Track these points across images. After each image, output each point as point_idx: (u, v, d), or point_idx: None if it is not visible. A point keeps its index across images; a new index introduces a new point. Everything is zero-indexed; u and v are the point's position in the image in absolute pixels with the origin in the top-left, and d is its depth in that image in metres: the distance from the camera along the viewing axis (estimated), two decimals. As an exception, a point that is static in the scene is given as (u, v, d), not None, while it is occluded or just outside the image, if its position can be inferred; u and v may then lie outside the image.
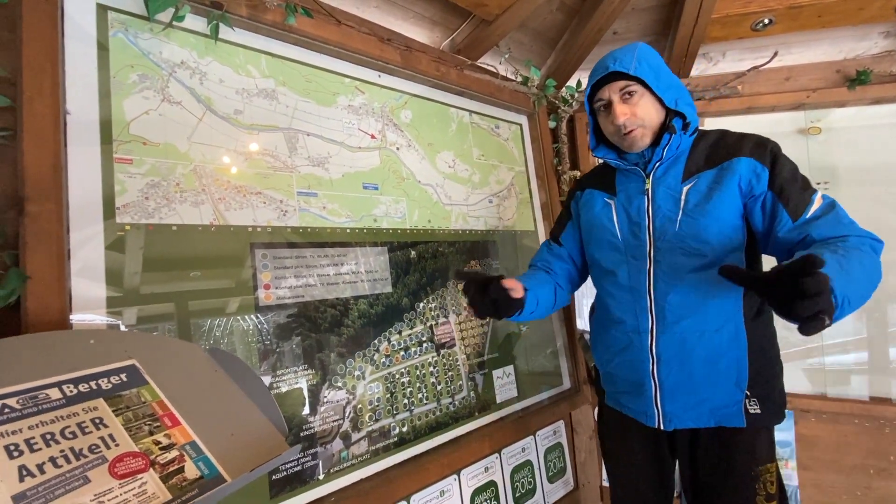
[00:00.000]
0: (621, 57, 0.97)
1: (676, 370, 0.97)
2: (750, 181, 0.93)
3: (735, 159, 0.95)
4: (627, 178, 1.08)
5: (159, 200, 0.94)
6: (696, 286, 0.94)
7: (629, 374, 1.05)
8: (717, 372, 0.94)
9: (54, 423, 0.56)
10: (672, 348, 0.97)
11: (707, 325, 0.94)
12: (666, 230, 0.99)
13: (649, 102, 0.99)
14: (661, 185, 1.01)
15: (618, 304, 1.07)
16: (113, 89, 0.92)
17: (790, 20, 1.71)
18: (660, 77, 0.97)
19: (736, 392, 0.94)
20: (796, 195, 0.89)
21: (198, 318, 0.95)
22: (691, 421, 0.98)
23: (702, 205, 0.95)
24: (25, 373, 0.59)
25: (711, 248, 0.94)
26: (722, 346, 0.94)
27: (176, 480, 0.56)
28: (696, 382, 0.96)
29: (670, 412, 0.99)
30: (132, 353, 0.70)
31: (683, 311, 0.95)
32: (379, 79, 1.41)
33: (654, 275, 0.99)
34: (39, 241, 0.76)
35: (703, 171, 0.98)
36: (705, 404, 0.96)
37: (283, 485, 0.99)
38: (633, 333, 1.03)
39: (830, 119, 1.82)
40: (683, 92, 1.00)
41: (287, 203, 1.13)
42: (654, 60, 0.99)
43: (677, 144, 1.00)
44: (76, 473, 0.52)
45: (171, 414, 0.64)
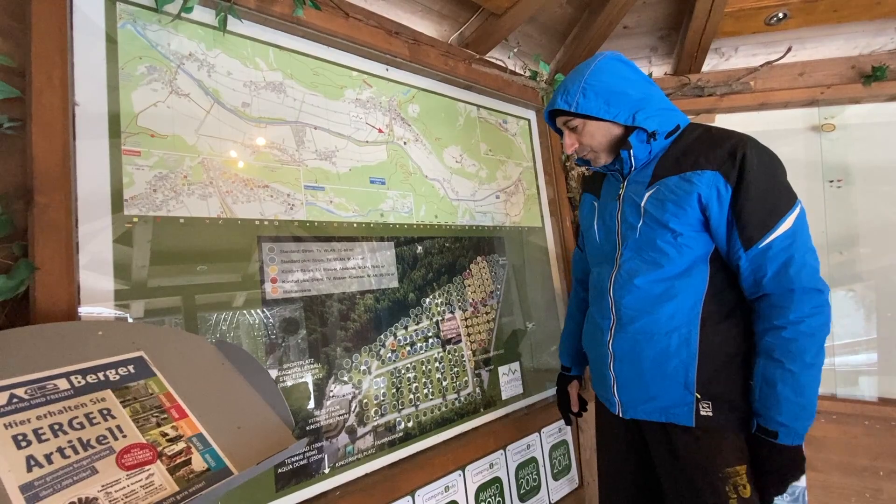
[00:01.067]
0: (569, 89, 1.00)
1: (628, 367, 1.02)
2: (710, 198, 0.90)
3: (699, 172, 0.92)
4: (610, 182, 1.12)
5: (167, 193, 0.94)
6: (649, 292, 0.97)
7: (597, 364, 1.11)
8: (664, 373, 0.97)
9: (62, 414, 0.56)
10: (625, 346, 1.01)
11: (657, 329, 0.97)
12: (628, 237, 1.02)
13: (594, 129, 1.01)
14: (630, 191, 1.03)
15: (593, 302, 1.14)
16: (121, 81, 0.91)
17: (805, 14, 1.68)
18: (610, 100, 0.96)
19: (685, 394, 0.95)
20: (755, 221, 0.87)
21: (205, 310, 0.95)
22: (644, 414, 1.01)
23: (657, 215, 0.96)
24: (34, 363, 0.60)
25: (668, 258, 0.95)
26: (670, 350, 0.96)
27: (183, 472, 0.56)
28: (645, 380, 0.99)
29: (626, 402, 1.04)
30: (140, 345, 0.70)
31: (636, 314, 0.99)
32: (387, 72, 1.40)
33: (615, 278, 1.03)
34: (48, 233, 0.76)
35: (666, 177, 0.97)
36: (655, 401, 0.99)
37: (289, 478, 0.99)
38: (597, 330, 1.09)
39: (845, 116, 1.79)
40: (646, 102, 0.97)
41: (294, 197, 1.12)
42: (605, 82, 0.97)
43: (648, 150, 0.99)
44: (84, 464, 0.52)
45: (179, 406, 0.64)
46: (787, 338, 0.86)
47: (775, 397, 0.86)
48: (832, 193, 1.76)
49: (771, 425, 0.87)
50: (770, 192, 0.88)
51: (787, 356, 0.86)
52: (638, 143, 0.98)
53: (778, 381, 0.86)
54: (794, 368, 0.85)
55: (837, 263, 1.74)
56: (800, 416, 0.86)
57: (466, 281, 1.49)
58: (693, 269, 0.96)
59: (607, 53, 1.03)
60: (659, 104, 0.99)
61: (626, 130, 1.00)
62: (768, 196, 0.88)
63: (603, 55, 1.02)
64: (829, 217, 1.75)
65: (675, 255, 0.95)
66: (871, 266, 1.72)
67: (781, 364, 0.86)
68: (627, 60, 1.03)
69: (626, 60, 1.03)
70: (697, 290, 0.95)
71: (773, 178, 0.90)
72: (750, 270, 0.90)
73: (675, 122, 1.00)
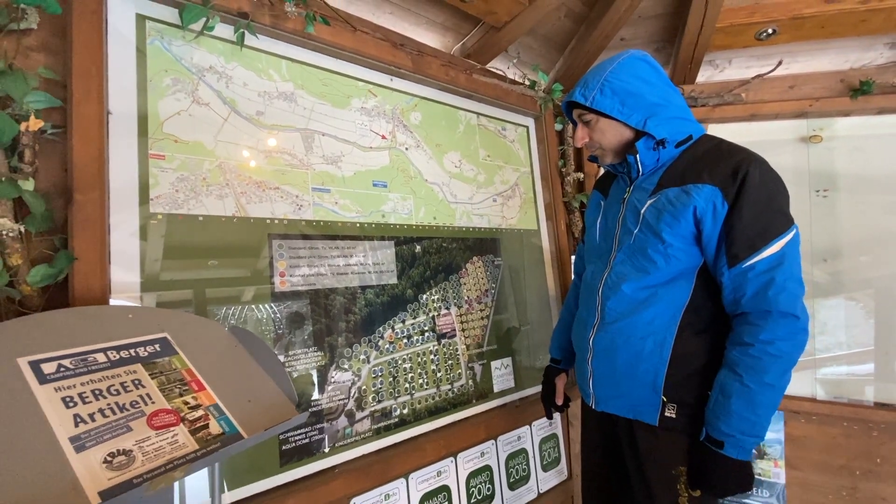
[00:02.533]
0: (588, 82, 1.00)
1: (604, 363, 1.07)
2: (705, 213, 0.91)
3: (700, 185, 0.92)
4: (618, 184, 1.14)
5: (188, 193, 1.04)
6: (633, 297, 1.01)
7: (579, 357, 1.16)
8: (635, 374, 1.01)
9: (101, 382, 0.66)
10: (603, 344, 1.06)
11: (634, 332, 1.01)
12: (624, 241, 1.05)
13: (606, 127, 1.02)
14: (634, 196, 1.05)
15: (582, 295, 1.18)
16: (149, 92, 1.02)
17: (794, 30, 1.75)
18: (626, 101, 0.97)
19: (652, 395, 1.00)
20: (743, 240, 0.88)
21: (220, 300, 1.04)
22: (615, 408, 1.07)
23: (653, 223, 0.98)
24: (76, 339, 0.69)
25: (656, 267, 0.98)
26: (643, 353, 1.00)
27: (202, 434, 0.66)
28: (617, 378, 1.04)
29: (599, 395, 1.10)
30: (164, 327, 0.80)
31: (617, 316, 1.03)
32: (391, 82, 1.49)
33: (606, 279, 1.07)
34: (85, 227, 0.87)
35: (668, 188, 0.97)
36: (625, 398, 1.04)
37: (292, 454, 1.09)
38: (582, 324, 1.14)
39: (833, 128, 1.85)
40: (661, 108, 0.97)
41: (302, 198, 1.22)
42: (624, 82, 0.97)
43: (656, 157, 1.00)
44: (120, 423, 0.62)
45: (198, 380, 0.74)
46: (753, 355, 0.87)
47: (727, 409, 0.88)
48: (818, 202, 1.82)
49: (718, 435, 0.90)
50: (764, 214, 0.88)
51: (747, 372, 0.87)
52: (645, 150, 0.98)
53: (733, 393, 0.88)
54: (751, 385, 0.87)
55: (822, 272, 1.80)
56: (748, 432, 0.87)
57: (462, 279, 1.58)
58: (678, 280, 0.98)
59: (634, 52, 1.01)
60: (674, 112, 0.98)
61: (636, 134, 1.01)
62: (761, 218, 0.88)
63: (629, 53, 1.01)
64: (815, 225, 1.81)
65: (662, 264, 0.97)
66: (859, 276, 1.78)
67: (741, 378, 0.88)
68: (654, 62, 1.02)
69: (651, 62, 1.01)
70: (678, 300, 0.98)
71: (771, 201, 0.89)
72: (731, 288, 0.91)
73: (687, 132, 1.00)
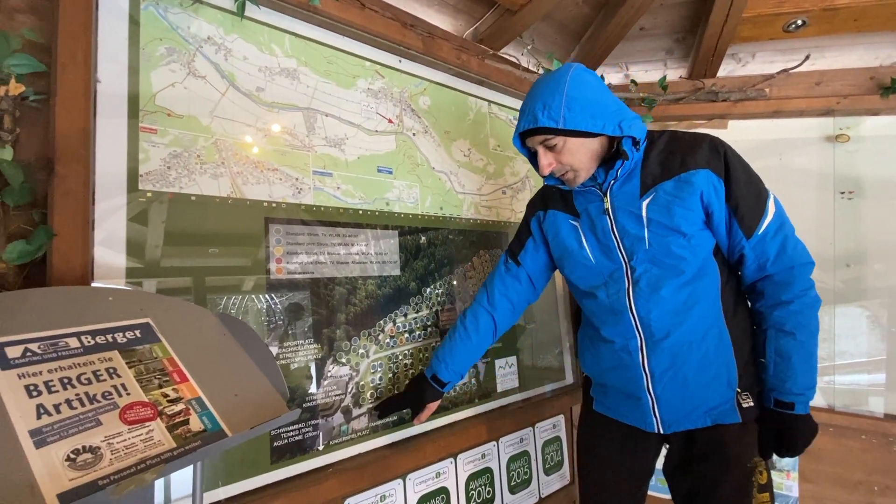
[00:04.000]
0: (549, 104, 0.93)
1: (670, 383, 0.99)
2: (710, 195, 0.95)
3: (693, 171, 0.95)
4: (586, 198, 1.08)
5: (180, 171, 0.97)
6: (677, 299, 0.97)
7: (624, 388, 1.07)
8: (709, 377, 0.97)
9: (71, 369, 0.59)
10: (664, 363, 0.99)
11: (694, 335, 0.97)
12: (636, 249, 1.00)
13: (575, 146, 0.96)
14: (620, 203, 1.01)
15: (603, 324, 1.07)
16: (142, 61, 0.95)
17: (824, 23, 1.66)
18: (594, 112, 0.93)
19: (728, 391, 0.97)
20: (750, 210, 0.94)
21: (211, 286, 0.98)
22: (689, 423, 1.00)
23: (665, 221, 0.96)
24: (48, 321, 0.63)
25: (686, 262, 0.96)
26: (710, 352, 0.97)
27: (181, 431, 0.60)
28: (691, 391, 0.98)
29: (668, 419, 1.02)
30: (147, 312, 0.74)
31: (670, 326, 0.97)
32: (399, 64, 1.42)
33: (634, 294, 0.99)
34: (66, 201, 0.80)
35: (660, 183, 0.97)
36: (701, 408, 0.99)
37: (284, 452, 1.03)
38: (622, 352, 1.03)
39: (861, 127, 1.77)
40: (624, 111, 0.96)
41: (302, 181, 1.15)
42: (585, 94, 0.93)
43: (632, 158, 0.98)
44: (89, 416, 0.55)
45: (180, 370, 0.68)
46: (796, 310, 0.93)
47: (791, 369, 0.92)
48: (842, 205, 1.74)
49: (788, 397, 0.93)
50: (751, 182, 0.96)
51: (797, 328, 0.92)
52: (629, 152, 0.97)
53: (792, 353, 0.92)
54: (804, 339, 0.92)
55: (845, 279, 1.72)
56: (810, 384, 0.93)
57: (468, 273, 1.51)
58: (706, 268, 0.98)
59: (575, 65, 0.99)
60: (631, 112, 0.98)
61: (604, 143, 0.99)
62: (751, 186, 0.95)
63: (573, 66, 0.98)
64: (838, 229, 1.73)
65: (691, 257, 0.96)
66: (881, 283, 1.70)
67: (793, 335, 0.92)
68: (591, 71, 1.00)
69: (591, 71, 1.00)
70: (714, 286, 0.98)
71: (748, 170, 0.97)
72: (754, 257, 0.95)
73: (645, 129, 1.00)
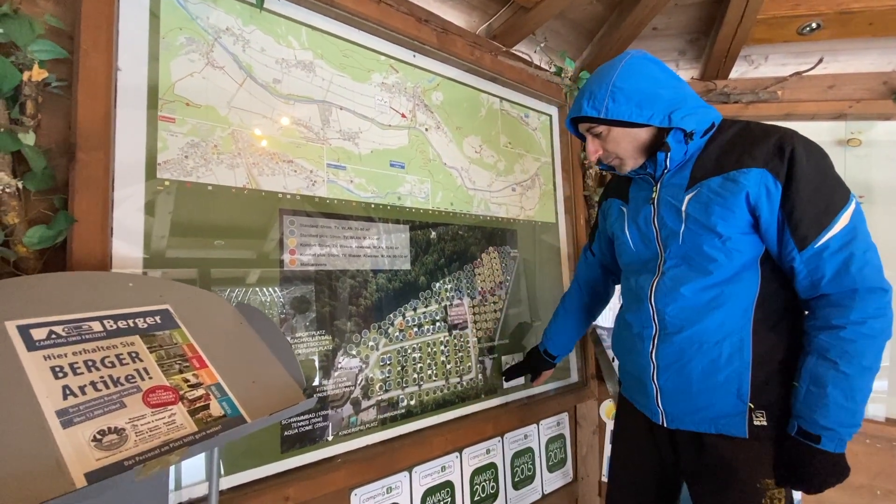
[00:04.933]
0: (595, 94, 0.94)
1: (674, 378, 0.97)
2: (759, 197, 0.86)
3: (745, 170, 0.87)
4: (639, 186, 1.08)
5: (197, 160, 0.98)
6: (697, 299, 0.93)
7: (635, 373, 1.08)
8: (715, 383, 0.93)
9: (95, 352, 0.60)
10: (670, 357, 0.97)
11: (707, 337, 0.93)
12: (670, 243, 0.98)
13: (619, 135, 0.97)
14: (666, 195, 0.98)
15: (628, 308, 1.09)
16: (161, 50, 0.96)
17: (839, 26, 1.66)
18: (641, 102, 0.92)
19: (738, 403, 0.91)
20: (808, 220, 0.82)
21: (226, 274, 0.99)
22: (693, 425, 0.98)
23: (703, 218, 0.92)
24: (71, 305, 0.64)
25: (716, 263, 0.91)
26: (721, 359, 0.92)
27: (202, 416, 0.60)
28: (694, 391, 0.95)
29: (671, 413, 1.00)
30: (166, 299, 0.74)
31: (683, 323, 0.95)
32: (413, 59, 1.42)
33: (658, 285, 0.99)
34: (87, 188, 0.81)
35: (708, 179, 0.92)
36: (704, 412, 0.95)
37: (294, 441, 1.04)
38: (637, 339, 1.04)
39: (873, 132, 1.76)
40: (681, 101, 0.93)
41: (316, 174, 1.16)
42: (634, 84, 0.93)
43: (684, 150, 0.95)
44: (113, 398, 0.56)
45: (200, 357, 0.69)
46: (846, 338, 0.81)
47: (824, 400, 0.82)
48: (852, 209, 1.74)
49: (814, 429, 0.83)
50: (822, 188, 0.83)
51: (842, 357, 0.81)
52: (675, 144, 0.93)
53: (829, 382, 0.82)
54: (848, 371, 0.81)
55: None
56: (846, 422, 0.81)
57: (477, 269, 1.52)
58: (743, 274, 0.91)
59: (633, 53, 0.98)
60: (694, 102, 0.95)
61: (655, 134, 0.97)
62: (821, 192, 0.82)
63: (629, 55, 0.97)
64: (848, 233, 1.73)
65: (724, 260, 0.90)
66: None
67: (836, 365, 0.81)
68: (655, 59, 0.98)
69: (654, 59, 0.98)
70: (748, 295, 0.91)
71: (825, 173, 0.84)
72: (806, 272, 0.85)
73: (710, 119, 0.95)
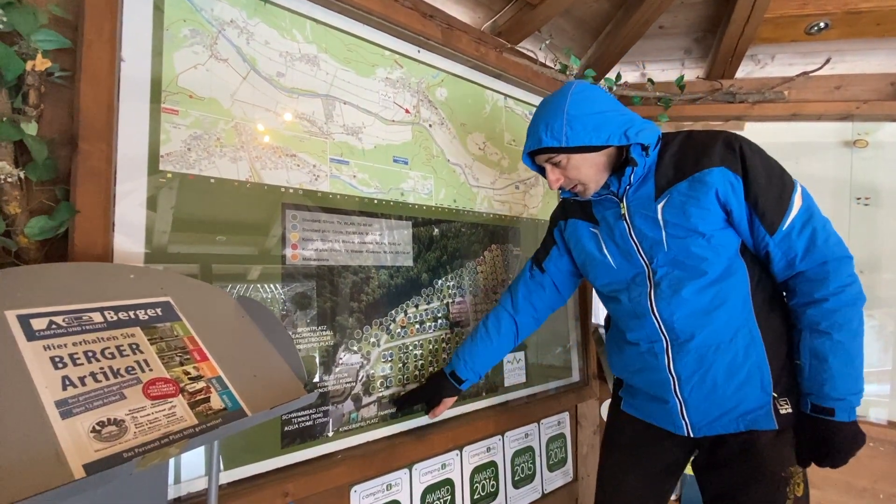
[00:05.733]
0: (550, 125, 0.96)
1: (698, 386, 0.96)
2: (727, 192, 0.91)
3: (707, 171, 0.92)
4: (603, 206, 1.08)
5: (200, 153, 0.97)
6: (699, 301, 0.94)
7: (651, 391, 1.06)
8: (740, 381, 0.93)
9: (95, 343, 0.60)
10: (690, 366, 0.96)
11: (721, 337, 0.94)
12: (656, 252, 0.99)
13: (579, 161, 0.99)
14: (636, 208, 1.00)
15: (627, 327, 1.07)
16: (165, 41, 0.95)
17: (847, 26, 1.65)
18: (598, 126, 0.94)
19: (762, 396, 0.93)
20: (772, 206, 0.89)
21: (228, 268, 0.98)
22: (721, 428, 0.97)
23: (682, 222, 0.94)
24: (71, 295, 0.64)
25: (708, 262, 0.94)
26: (740, 355, 0.93)
27: (202, 409, 0.60)
28: (720, 395, 0.95)
29: (699, 423, 0.99)
30: (167, 291, 0.74)
31: (694, 328, 0.95)
32: (418, 54, 1.41)
33: (656, 296, 0.99)
34: (89, 179, 0.81)
35: (674, 185, 0.96)
36: (733, 412, 0.95)
37: (294, 436, 1.03)
38: (648, 356, 1.02)
39: (880, 133, 1.75)
40: (630, 120, 0.96)
41: (319, 168, 1.15)
42: (586, 110, 0.95)
43: (642, 164, 0.98)
44: (113, 389, 0.56)
45: (200, 349, 0.68)
46: (831, 308, 0.86)
47: (829, 372, 0.85)
48: (858, 211, 1.73)
49: (826, 402, 0.86)
50: (772, 177, 0.91)
51: (833, 327, 0.86)
52: (639, 158, 0.96)
53: (829, 353, 0.85)
54: (842, 339, 0.85)
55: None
56: (853, 389, 0.85)
57: (479, 267, 1.51)
58: (732, 267, 0.95)
59: (576, 83, 1.01)
60: (640, 120, 0.98)
61: (613, 154, 1.00)
62: (772, 180, 0.90)
63: (572, 85, 1.00)
64: (853, 235, 1.72)
65: (714, 257, 0.94)
66: (890, 293, 1.68)
67: (829, 336, 0.86)
68: (595, 86, 1.02)
69: (594, 86, 1.01)
70: (742, 286, 0.94)
71: (769, 163, 0.92)
72: (781, 254, 0.91)
73: (657, 133, 0.99)
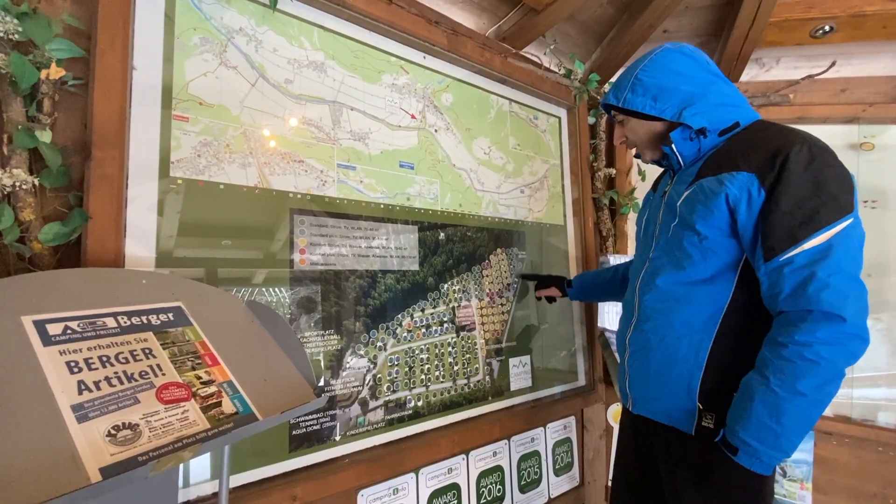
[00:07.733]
0: (620, 83, 1.02)
1: (638, 363, 1.01)
2: (739, 201, 0.83)
3: (734, 173, 0.84)
4: (664, 179, 1.12)
5: (210, 159, 0.98)
6: (668, 293, 0.95)
7: (619, 356, 1.12)
8: (668, 376, 0.94)
9: (109, 348, 0.61)
10: (639, 343, 1.01)
11: (670, 332, 0.94)
12: (661, 235, 1.01)
13: (636, 125, 1.02)
14: (675, 190, 1.00)
15: (628, 293, 1.13)
16: (176, 50, 0.96)
17: (852, 29, 1.64)
18: (658, 95, 0.95)
19: (686, 400, 0.92)
20: (782, 231, 0.78)
21: (236, 273, 0.99)
22: (650, 412, 1.00)
23: (687, 215, 0.92)
24: (85, 301, 0.64)
25: (692, 262, 0.92)
26: (678, 355, 0.93)
27: (214, 413, 0.61)
28: (650, 380, 0.98)
29: (635, 397, 1.03)
30: (179, 296, 0.75)
31: (652, 313, 0.98)
32: (424, 60, 1.43)
33: (643, 275, 1.03)
34: (102, 186, 0.82)
35: (704, 178, 0.90)
36: (658, 402, 0.98)
37: (302, 440, 1.04)
38: (623, 322, 1.10)
39: (886, 136, 1.75)
40: (699, 97, 0.92)
41: (327, 174, 1.16)
42: (656, 77, 0.95)
43: (697, 148, 0.95)
44: (128, 394, 0.57)
45: (212, 354, 0.69)
46: (785, 357, 0.76)
47: (748, 412, 0.78)
48: (865, 214, 1.72)
49: (733, 439, 0.80)
50: (809, 202, 0.77)
51: (775, 374, 0.76)
52: (681, 140, 0.94)
53: (756, 397, 0.78)
54: (778, 390, 0.76)
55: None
56: (768, 442, 0.77)
57: (485, 271, 1.51)
58: (718, 278, 0.89)
59: (667, 45, 0.98)
60: (716, 99, 0.93)
61: (671, 126, 0.97)
62: (805, 205, 0.77)
63: (664, 46, 0.99)
64: (860, 238, 1.71)
65: (698, 258, 0.90)
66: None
67: (767, 381, 0.77)
68: (693, 52, 0.97)
69: (690, 52, 0.97)
70: (719, 300, 0.89)
71: (819, 187, 0.77)
72: (768, 284, 0.81)
73: (733, 118, 0.92)
